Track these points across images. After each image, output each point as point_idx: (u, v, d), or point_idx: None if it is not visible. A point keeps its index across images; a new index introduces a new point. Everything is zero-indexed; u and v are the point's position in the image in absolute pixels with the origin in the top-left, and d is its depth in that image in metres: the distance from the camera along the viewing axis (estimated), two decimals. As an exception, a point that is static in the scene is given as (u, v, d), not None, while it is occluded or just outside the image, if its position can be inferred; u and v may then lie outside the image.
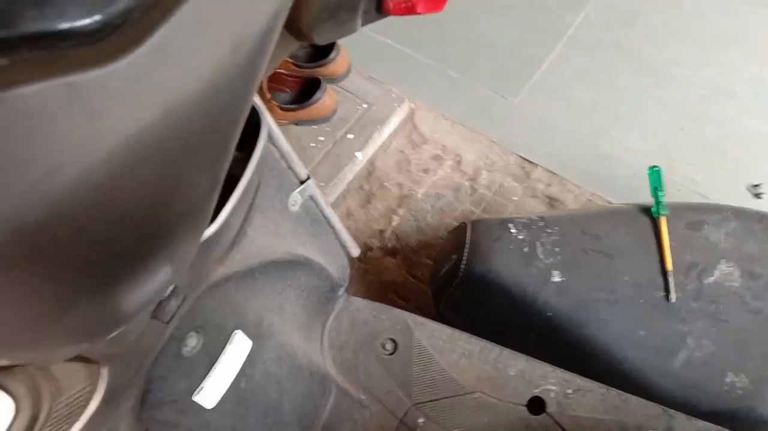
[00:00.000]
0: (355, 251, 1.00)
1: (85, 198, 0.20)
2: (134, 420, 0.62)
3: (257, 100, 0.71)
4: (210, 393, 0.68)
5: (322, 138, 1.49)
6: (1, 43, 0.16)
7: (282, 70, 1.55)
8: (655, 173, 1.09)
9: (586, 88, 1.61)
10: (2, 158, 0.16)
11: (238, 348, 0.71)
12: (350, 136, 1.50)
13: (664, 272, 1.00)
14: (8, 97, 0.16)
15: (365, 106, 1.54)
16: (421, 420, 0.93)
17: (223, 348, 0.69)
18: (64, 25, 0.16)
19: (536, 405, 0.92)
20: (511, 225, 1.09)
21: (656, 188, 1.07)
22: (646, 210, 1.07)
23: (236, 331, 0.70)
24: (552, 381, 0.93)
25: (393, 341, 1.00)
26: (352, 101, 1.55)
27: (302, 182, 0.86)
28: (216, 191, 0.36)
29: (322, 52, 1.56)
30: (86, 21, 0.17)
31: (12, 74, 0.16)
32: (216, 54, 0.20)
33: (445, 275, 1.14)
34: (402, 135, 1.56)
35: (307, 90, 1.52)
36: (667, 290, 0.99)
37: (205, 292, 0.63)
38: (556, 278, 1.03)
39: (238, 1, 0.20)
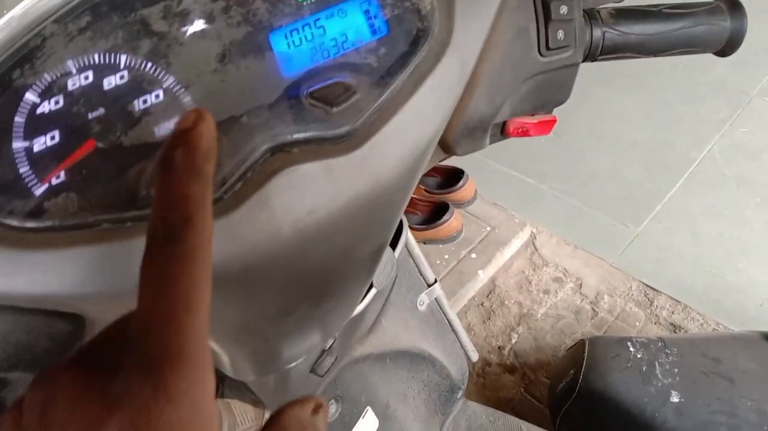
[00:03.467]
0: (474, 356, 1.07)
1: (319, 234, 0.33)
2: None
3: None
4: (342, 461, 0.78)
5: (447, 256, 1.62)
6: (295, 142, 0.31)
7: (415, 196, 1.73)
8: (779, 301, 1.10)
9: (710, 220, 1.63)
10: (284, 198, 0.30)
11: (368, 424, 0.80)
12: (473, 255, 1.62)
13: (791, 401, 0.98)
14: (294, 168, 0.30)
15: (489, 228, 1.67)
16: None
17: (356, 421, 0.79)
18: (329, 133, 0.31)
19: None
20: (629, 344, 1.12)
21: (780, 315, 1.07)
22: (770, 337, 1.07)
23: (367, 407, 0.80)
24: (669, 501, 0.92)
25: (508, 446, 1.04)
26: (476, 224, 1.68)
27: (429, 285, 0.98)
28: (375, 265, 0.48)
29: (451, 181, 1.73)
30: (338, 131, 0.32)
31: (300, 157, 0.31)
32: (400, 152, 0.33)
33: (562, 392, 1.17)
34: (523, 257, 1.66)
35: (436, 213, 1.68)
36: (794, 420, 0.96)
37: (346, 366, 0.75)
38: (675, 398, 1.03)
39: (417, 124, 0.34)
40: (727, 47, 0.49)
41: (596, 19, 0.44)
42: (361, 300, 0.68)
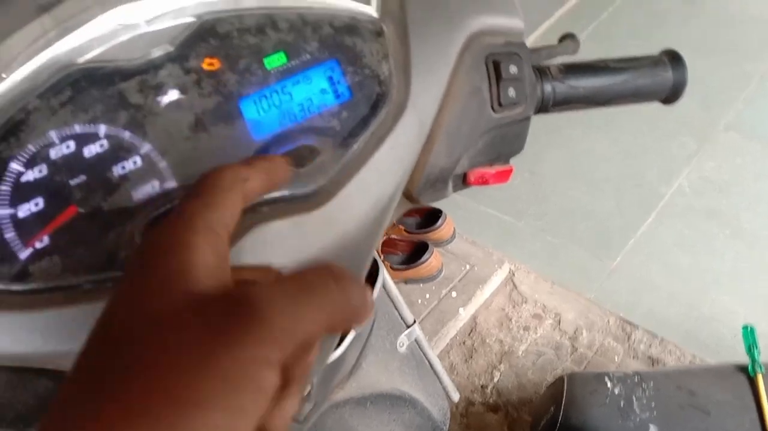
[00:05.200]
0: (455, 396, 1.08)
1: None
2: None
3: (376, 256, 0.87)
4: None
5: (428, 295, 1.63)
6: (266, 202, 0.33)
7: (395, 236, 1.75)
8: (749, 332, 1.12)
9: (682, 252, 1.67)
10: (257, 254, 0.32)
11: (349, 469, 0.81)
12: (454, 294, 1.63)
13: (765, 431, 1.00)
14: (264, 226, 0.33)
15: (468, 267, 1.69)
16: None
17: (337, 467, 0.79)
18: (297, 192, 0.34)
19: None
20: (607, 379, 1.14)
21: (751, 346, 1.10)
22: (742, 368, 1.09)
23: (352, 452, 0.81)
24: None
25: (491, 486, 1.04)
26: (456, 263, 1.71)
27: (409, 326, 0.99)
28: None
29: (429, 221, 1.76)
30: (305, 190, 0.34)
31: (270, 215, 0.33)
32: (364, 207, 0.36)
33: (543, 429, 1.18)
34: (503, 294, 1.68)
35: (416, 253, 1.70)
36: (770, 449, 0.98)
37: (327, 411, 0.76)
38: (653, 432, 1.05)
39: (378, 180, 0.36)
40: (671, 96, 0.52)
41: (546, 75, 0.47)
42: (340, 344, 0.69)
